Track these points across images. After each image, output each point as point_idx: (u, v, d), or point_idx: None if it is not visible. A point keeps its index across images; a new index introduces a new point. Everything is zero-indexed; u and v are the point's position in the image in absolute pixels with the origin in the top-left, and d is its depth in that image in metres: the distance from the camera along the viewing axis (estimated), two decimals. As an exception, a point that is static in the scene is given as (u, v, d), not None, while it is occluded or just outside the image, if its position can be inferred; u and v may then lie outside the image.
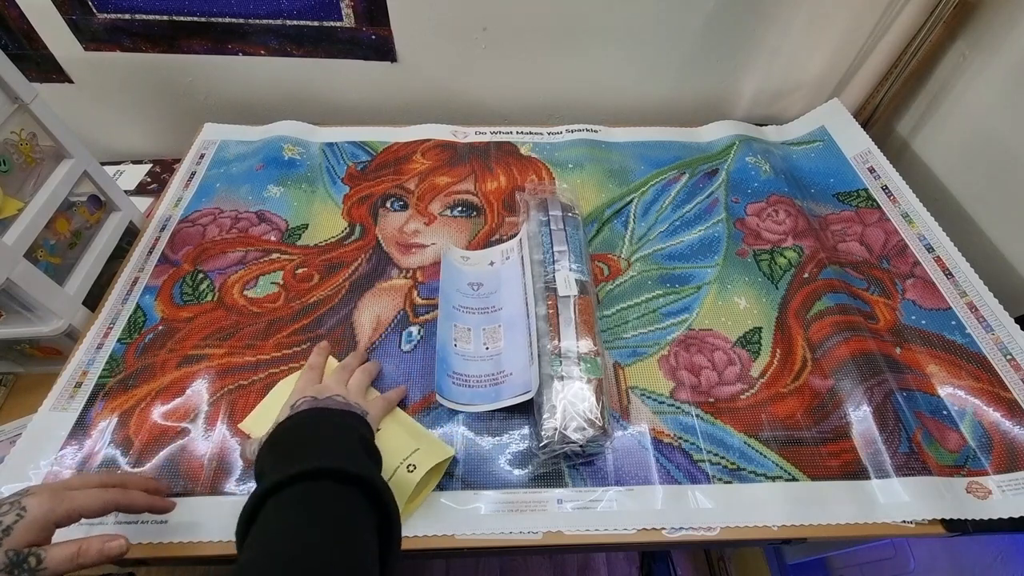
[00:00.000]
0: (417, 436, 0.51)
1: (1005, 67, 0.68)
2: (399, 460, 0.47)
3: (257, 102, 0.90)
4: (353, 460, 0.39)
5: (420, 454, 0.47)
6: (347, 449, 0.41)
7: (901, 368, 0.56)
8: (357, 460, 0.39)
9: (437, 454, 0.49)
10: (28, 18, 0.79)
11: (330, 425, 0.44)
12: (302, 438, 0.42)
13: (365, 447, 0.43)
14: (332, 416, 0.45)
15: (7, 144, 0.55)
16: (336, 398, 0.48)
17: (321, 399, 0.47)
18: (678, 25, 0.80)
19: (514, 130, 0.85)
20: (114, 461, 0.51)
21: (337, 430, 0.43)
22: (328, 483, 0.36)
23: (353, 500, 0.36)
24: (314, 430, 0.43)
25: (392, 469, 0.46)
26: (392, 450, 0.47)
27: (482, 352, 0.58)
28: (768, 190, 0.75)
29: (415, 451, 0.48)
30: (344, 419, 0.45)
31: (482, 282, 0.65)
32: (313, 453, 0.39)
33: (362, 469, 0.37)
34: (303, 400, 0.47)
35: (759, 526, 0.48)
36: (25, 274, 0.53)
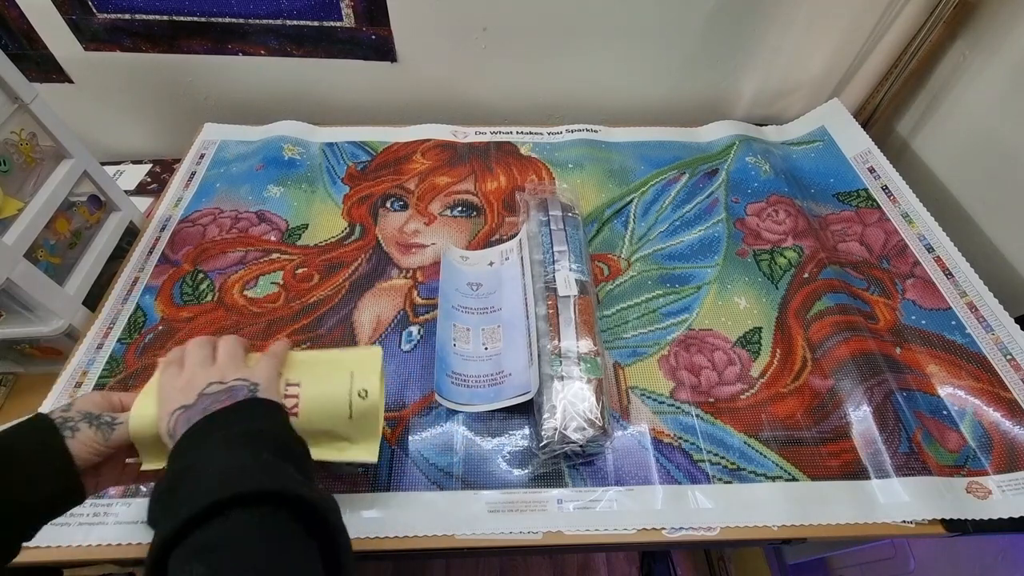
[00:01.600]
0: (339, 361, 0.45)
1: (1005, 67, 0.68)
2: (346, 394, 0.42)
3: (257, 102, 0.90)
4: (253, 474, 0.31)
5: (358, 375, 0.43)
6: (248, 463, 0.32)
7: (901, 368, 0.56)
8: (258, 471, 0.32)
9: (372, 363, 0.44)
10: (28, 18, 0.79)
11: (215, 441, 0.34)
12: (188, 476, 0.32)
13: (267, 443, 0.34)
14: (213, 430, 0.35)
15: (7, 144, 0.55)
16: (209, 390, 0.37)
17: (193, 403, 0.36)
18: (678, 25, 0.80)
19: (514, 130, 0.85)
20: (114, 461, 0.51)
21: (222, 444, 0.33)
22: (233, 514, 0.29)
23: (267, 522, 0.29)
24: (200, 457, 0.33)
25: (346, 405, 0.41)
26: (330, 389, 0.42)
27: (481, 352, 0.58)
28: (768, 190, 0.75)
29: (352, 374, 0.43)
30: (227, 422, 0.35)
31: (482, 282, 0.65)
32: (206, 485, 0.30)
33: (263, 482, 0.30)
34: (175, 415, 0.36)
35: (759, 526, 0.48)
36: (25, 274, 0.53)
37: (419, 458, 0.51)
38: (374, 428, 0.44)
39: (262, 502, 0.29)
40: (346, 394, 0.42)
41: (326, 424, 0.42)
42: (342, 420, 0.42)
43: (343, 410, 0.42)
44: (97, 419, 0.37)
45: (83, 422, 0.37)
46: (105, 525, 0.47)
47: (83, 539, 0.46)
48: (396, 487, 0.50)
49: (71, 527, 0.47)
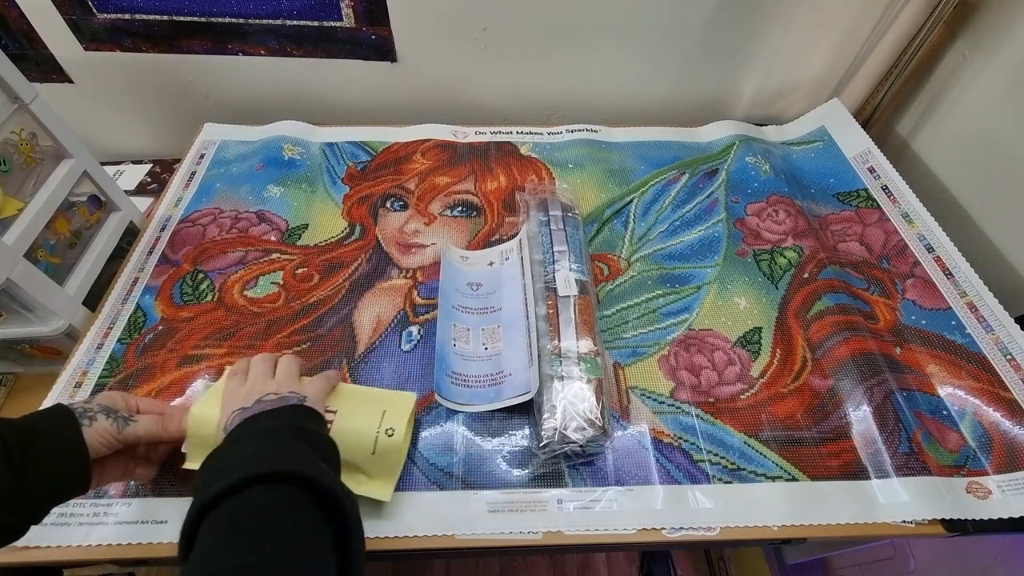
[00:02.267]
0: (377, 400, 0.49)
1: (1005, 67, 0.68)
2: (374, 430, 0.45)
3: (257, 102, 0.90)
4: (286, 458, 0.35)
5: (389, 415, 0.46)
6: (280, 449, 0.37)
7: (901, 368, 0.56)
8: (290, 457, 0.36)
9: (404, 406, 0.48)
10: (28, 18, 0.79)
11: (260, 430, 0.39)
12: (233, 452, 0.38)
13: (305, 438, 0.39)
14: (260, 420, 0.41)
15: (7, 144, 0.55)
16: (267, 398, 0.43)
17: (250, 406, 0.42)
18: (678, 25, 0.80)
19: (514, 130, 0.85)
20: (114, 461, 0.51)
21: (269, 434, 0.39)
22: (261, 489, 0.33)
23: (290, 502, 0.33)
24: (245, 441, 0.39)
25: (371, 441, 0.45)
26: (361, 423, 0.45)
27: (481, 352, 0.58)
28: (768, 190, 0.75)
29: (384, 413, 0.46)
30: (276, 417, 0.41)
31: (481, 282, 0.65)
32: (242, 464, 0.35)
33: (296, 465, 0.34)
34: (233, 415, 0.42)
35: (759, 526, 0.48)
36: (25, 274, 0.53)
37: (419, 458, 0.51)
38: (393, 468, 0.47)
39: (286, 482, 0.33)
40: (374, 430, 0.45)
41: (349, 454, 0.44)
42: (365, 454, 0.45)
43: (368, 445, 0.45)
44: (115, 413, 0.41)
45: (101, 413, 0.40)
46: (105, 525, 0.47)
47: (83, 539, 0.46)
48: (396, 487, 0.49)
49: (71, 527, 0.47)
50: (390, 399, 0.49)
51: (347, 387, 0.50)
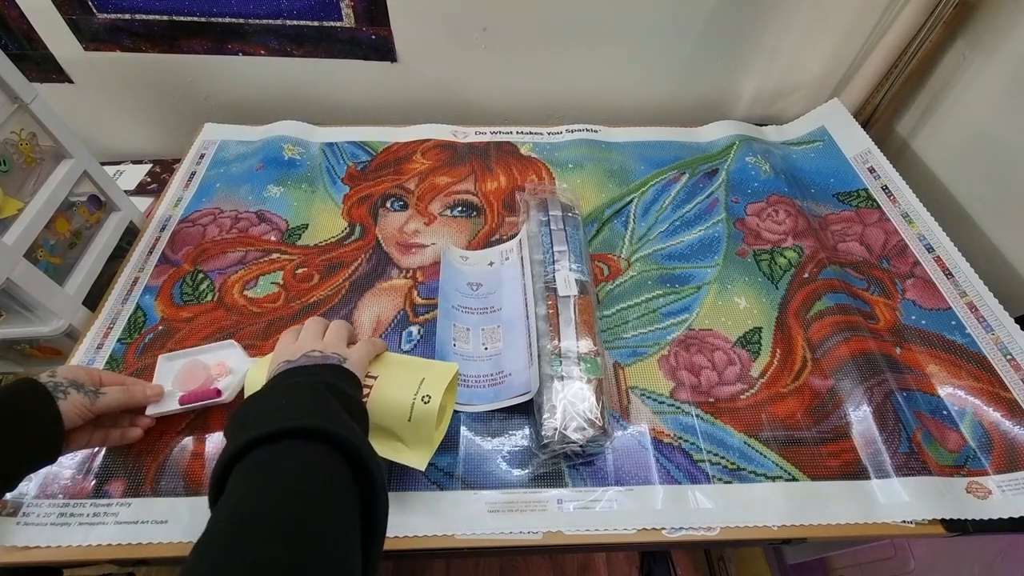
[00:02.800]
0: (418, 368, 0.49)
1: (1005, 67, 0.68)
2: (411, 396, 0.45)
3: (257, 102, 0.90)
4: (318, 415, 0.35)
5: (428, 382, 0.46)
6: (315, 406, 0.37)
7: (901, 368, 0.56)
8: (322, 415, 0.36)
9: (444, 374, 0.48)
10: (28, 18, 0.79)
11: (299, 384, 0.40)
12: (269, 402, 0.39)
13: (338, 397, 0.39)
14: (301, 373, 0.42)
15: (7, 144, 0.55)
16: (311, 354, 0.44)
17: (295, 359, 0.44)
18: (678, 25, 0.80)
19: (514, 130, 0.85)
20: (114, 461, 0.51)
21: (306, 389, 0.40)
22: (293, 443, 0.33)
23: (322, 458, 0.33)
24: (282, 392, 0.40)
25: (408, 407, 0.45)
26: (399, 391, 0.46)
27: (481, 352, 0.58)
28: (768, 190, 0.75)
29: (422, 381, 0.46)
30: (316, 374, 0.42)
31: (481, 282, 0.65)
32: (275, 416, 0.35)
33: (328, 424, 0.34)
34: (279, 366, 0.44)
35: (759, 526, 0.48)
36: (25, 274, 0.53)
37: (419, 458, 0.51)
38: (429, 437, 0.46)
39: (317, 439, 0.33)
40: (410, 396, 0.45)
41: (387, 420, 0.45)
42: (401, 421, 0.45)
43: (404, 411, 0.45)
44: (83, 387, 0.44)
45: (72, 388, 0.43)
46: (105, 525, 0.47)
47: (83, 539, 0.46)
48: (396, 487, 0.50)
49: (71, 527, 0.47)
50: (431, 367, 0.49)
51: (391, 355, 0.51)
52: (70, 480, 0.50)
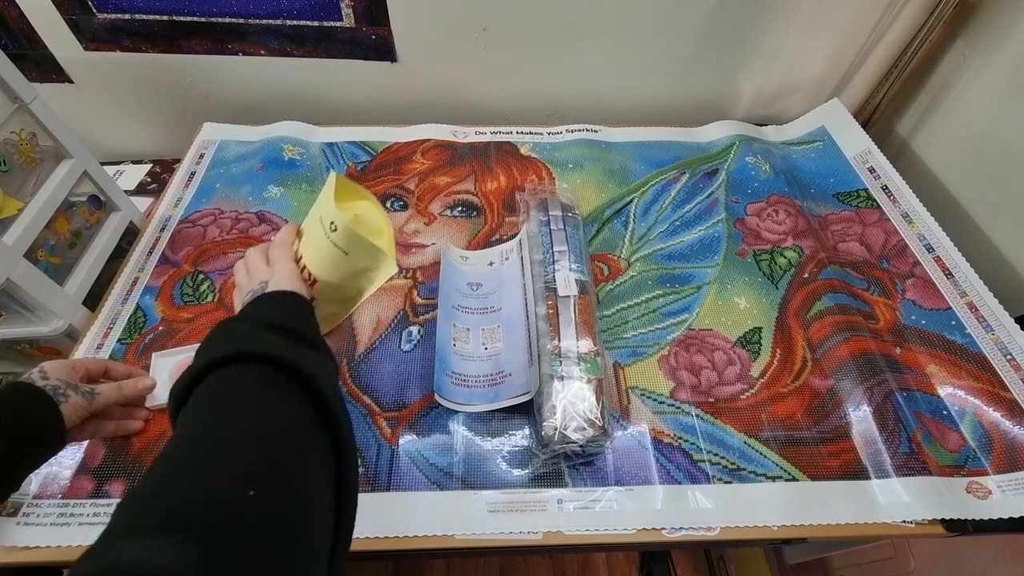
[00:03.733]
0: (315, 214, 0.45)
1: (1005, 67, 0.68)
2: (325, 239, 0.42)
3: (257, 102, 0.90)
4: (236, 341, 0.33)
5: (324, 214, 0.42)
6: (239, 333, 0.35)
7: (901, 368, 0.56)
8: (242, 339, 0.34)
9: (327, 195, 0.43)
10: (28, 18, 0.79)
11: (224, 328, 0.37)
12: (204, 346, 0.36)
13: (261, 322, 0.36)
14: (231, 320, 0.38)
15: (7, 144, 0.55)
16: (246, 299, 0.41)
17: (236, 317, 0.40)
18: (678, 25, 0.80)
19: (514, 130, 0.85)
20: (114, 461, 0.51)
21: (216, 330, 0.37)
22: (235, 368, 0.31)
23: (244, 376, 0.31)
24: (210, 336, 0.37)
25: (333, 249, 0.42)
26: (317, 247, 0.43)
27: (480, 352, 0.58)
28: (768, 190, 0.75)
29: (320, 218, 0.43)
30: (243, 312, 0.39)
31: (481, 282, 0.65)
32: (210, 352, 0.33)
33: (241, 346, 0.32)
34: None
35: (759, 526, 0.48)
36: (25, 274, 0.53)
37: (419, 458, 0.51)
38: (368, 247, 0.42)
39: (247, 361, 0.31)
40: (325, 237, 0.42)
41: (337, 273, 0.43)
42: (342, 260, 0.42)
43: (333, 252, 0.42)
44: (79, 388, 0.45)
45: (70, 390, 0.44)
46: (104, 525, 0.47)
47: (83, 539, 0.46)
48: (396, 487, 0.50)
49: (71, 527, 0.47)
50: (319, 201, 0.45)
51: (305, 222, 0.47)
52: (70, 480, 0.50)
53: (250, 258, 0.45)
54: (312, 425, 0.30)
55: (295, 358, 0.32)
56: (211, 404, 0.30)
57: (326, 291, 0.44)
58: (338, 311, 0.49)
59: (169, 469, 0.26)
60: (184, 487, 0.24)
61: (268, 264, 0.44)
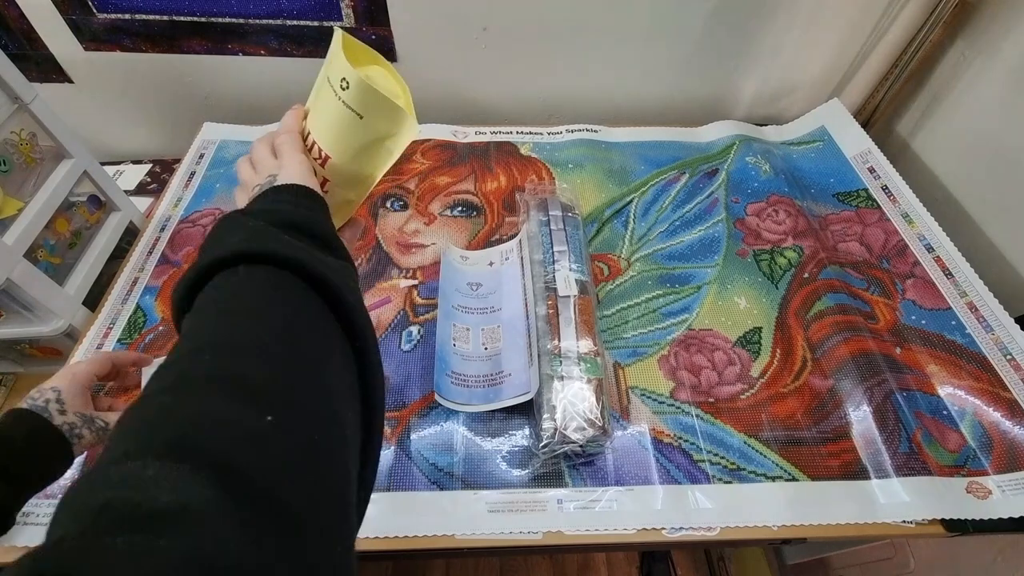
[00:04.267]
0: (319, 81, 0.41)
1: (1004, 67, 0.68)
2: (336, 100, 0.37)
3: (257, 102, 0.90)
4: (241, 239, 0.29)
5: (332, 75, 0.38)
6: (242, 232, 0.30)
7: (901, 368, 0.56)
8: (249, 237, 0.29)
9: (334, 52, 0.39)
10: (28, 18, 0.79)
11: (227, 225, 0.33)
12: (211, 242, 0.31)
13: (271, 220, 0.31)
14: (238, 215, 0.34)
15: (7, 144, 0.55)
16: (253, 193, 0.36)
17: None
18: (678, 25, 0.80)
19: (514, 130, 0.85)
20: (114, 461, 0.51)
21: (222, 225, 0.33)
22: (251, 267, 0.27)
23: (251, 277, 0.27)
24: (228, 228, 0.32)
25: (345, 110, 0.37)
26: (328, 112, 0.39)
27: (480, 352, 0.58)
28: (768, 190, 0.75)
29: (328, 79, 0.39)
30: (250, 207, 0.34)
31: (481, 282, 0.65)
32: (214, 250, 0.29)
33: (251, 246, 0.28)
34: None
35: (759, 526, 0.48)
36: (25, 274, 0.53)
37: (419, 458, 0.51)
38: (387, 104, 0.37)
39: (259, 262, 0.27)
40: (335, 99, 0.37)
41: (352, 139, 0.38)
42: (356, 124, 0.38)
43: (346, 115, 0.37)
44: (92, 422, 0.44)
45: (85, 428, 0.43)
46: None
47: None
48: (396, 487, 0.50)
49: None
50: (325, 64, 0.41)
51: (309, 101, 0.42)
52: (70, 480, 0.50)
53: (256, 151, 0.40)
54: (335, 337, 0.27)
55: (314, 263, 0.28)
56: (220, 308, 0.26)
57: (340, 170, 0.39)
58: (352, 197, 0.43)
59: (176, 383, 0.22)
60: (194, 406, 0.21)
61: (276, 156, 0.39)
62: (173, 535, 0.16)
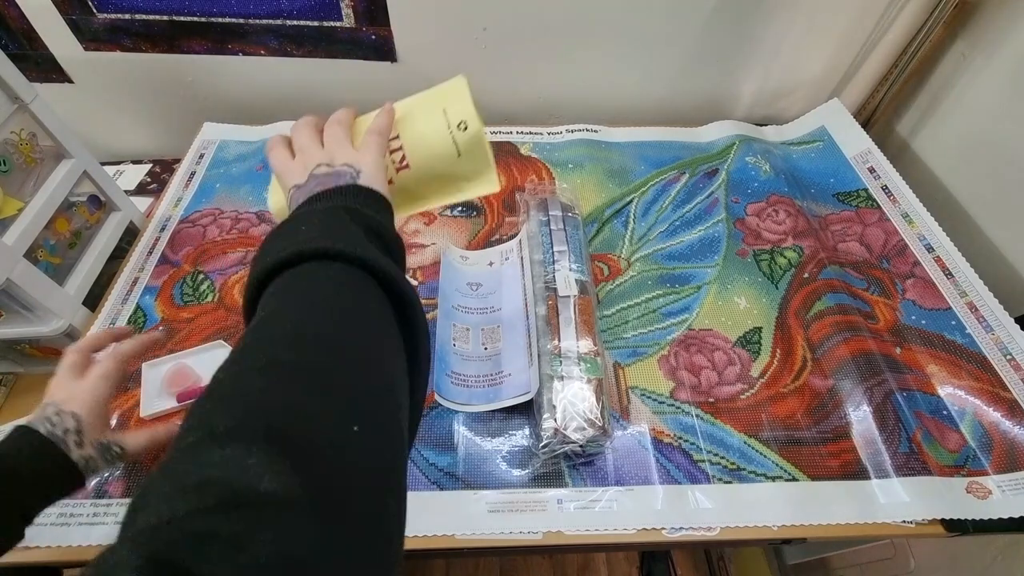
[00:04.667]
0: (429, 103, 0.44)
1: (1005, 67, 0.68)
2: (447, 132, 0.41)
3: (257, 102, 0.90)
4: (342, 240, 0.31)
5: (451, 111, 0.42)
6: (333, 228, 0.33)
7: (901, 368, 0.56)
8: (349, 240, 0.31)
9: (461, 94, 0.43)
10: (28, 18, 0.79)
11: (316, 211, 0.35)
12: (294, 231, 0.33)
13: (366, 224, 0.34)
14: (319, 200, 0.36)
15: (7, 144, 0.55)
16: (318, 171, 0.38)
17: (304, 184, 0.38)
18: (678, 25, 0.80)
19: (514, 130, 0.85)
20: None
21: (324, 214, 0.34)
22: (319, 264, 0.30)
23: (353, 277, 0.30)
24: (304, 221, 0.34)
25: (452, 145, 0.41)
26: (431, 136, 0.42)
27: (480, 352, 0.58)
28: (768, 190, 0.75)
29: (444, 112, 0.42)
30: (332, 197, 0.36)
31: (481, 282, 0.65)
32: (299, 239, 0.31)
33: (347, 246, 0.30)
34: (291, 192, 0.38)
35: (759, 526, 0.48)
36: (25, 274, 0.53)
37: (419, 458, 0.51)
38: (485, 158, 0.42)
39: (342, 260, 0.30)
40: (446, 132, 0.41)
41: (438, 167, 0.42)
42: (451, 159, 0.42)
43: (450, 150, 0.41)
44: (108, 451, 0.42)
45: (98, 456, 0.41)
46: (105, 525, 0.47)
47: (83, 539, 0.46)
48: (396, 487, 0.49)
49: (71, 527, 0.47)
50: (443, 95, 0.44)
51: (398, 107, 0.45)
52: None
53: (300, 135, 0.41)
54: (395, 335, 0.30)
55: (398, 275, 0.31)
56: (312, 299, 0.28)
57: (409, 182, 0.42)
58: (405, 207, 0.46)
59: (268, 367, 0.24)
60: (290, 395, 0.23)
61: (349, 143, 0.40)
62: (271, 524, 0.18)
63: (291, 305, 0.28)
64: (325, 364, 0.25)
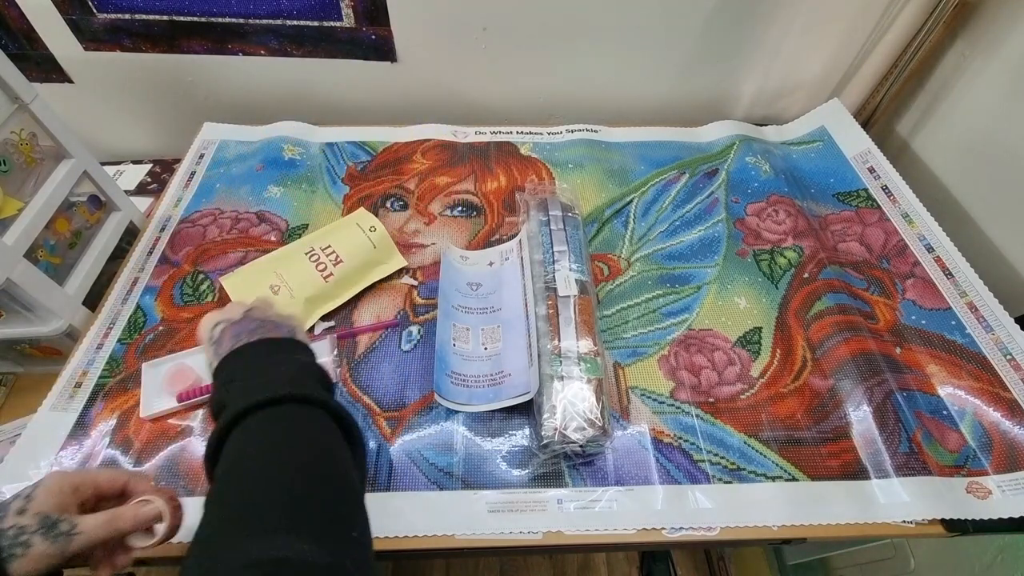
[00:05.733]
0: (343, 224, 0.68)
1: (1005, 67, 0.68)
2: (363, 236, 0.66)
3: (257, 102, 0.90)
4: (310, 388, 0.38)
5: (361, 222, 0.67)
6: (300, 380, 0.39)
7: (901, 368, 0.56)
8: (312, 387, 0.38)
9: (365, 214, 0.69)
10: (28, 18, 0.79)
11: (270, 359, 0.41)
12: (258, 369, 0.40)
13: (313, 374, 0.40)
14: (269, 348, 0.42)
15: (7, 144, 0.55)
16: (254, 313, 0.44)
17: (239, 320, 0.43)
18: (678, 25, 0.80)
19: (514, 130, 0.85)
20: (114, 461, 0.51)
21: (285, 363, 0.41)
22: (292, 406, 0.36)
23: (321, 418, 0.36)
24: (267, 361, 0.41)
25: (367, 241, 0.65)
26: (352, 237, 0.65)
27: (480, 352, 0.58)
28: (768, 190, 0.75)
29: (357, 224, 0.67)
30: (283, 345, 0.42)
31: (481, 282, 0.65)
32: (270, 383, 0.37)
33: (320, 394, 0.37)
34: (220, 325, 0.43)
35: (759, 526, 0.48)
36: (25, 274, 0.53)
37: (419, 458, 0.51)
38: (392, 248, 0.67)
39: (311, 404, 0.36)
40: (363, 234, 0.66)
41: (361, 258, 0.64)
42: (369, 251, 0.65)
43: (366, 245, 0.65)
44: (54, 528, 0.34)
45: (37, 534, 0.33)
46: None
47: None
48: (396, 487, 0.50)
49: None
50: (354, 217, 0.69)
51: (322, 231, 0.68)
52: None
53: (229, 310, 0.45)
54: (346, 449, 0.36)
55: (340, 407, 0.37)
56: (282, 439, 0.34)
57: (346, 271, 0.63)
58: (340, 294, 0.64)
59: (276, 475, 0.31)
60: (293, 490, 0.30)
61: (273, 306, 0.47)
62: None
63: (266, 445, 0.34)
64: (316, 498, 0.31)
